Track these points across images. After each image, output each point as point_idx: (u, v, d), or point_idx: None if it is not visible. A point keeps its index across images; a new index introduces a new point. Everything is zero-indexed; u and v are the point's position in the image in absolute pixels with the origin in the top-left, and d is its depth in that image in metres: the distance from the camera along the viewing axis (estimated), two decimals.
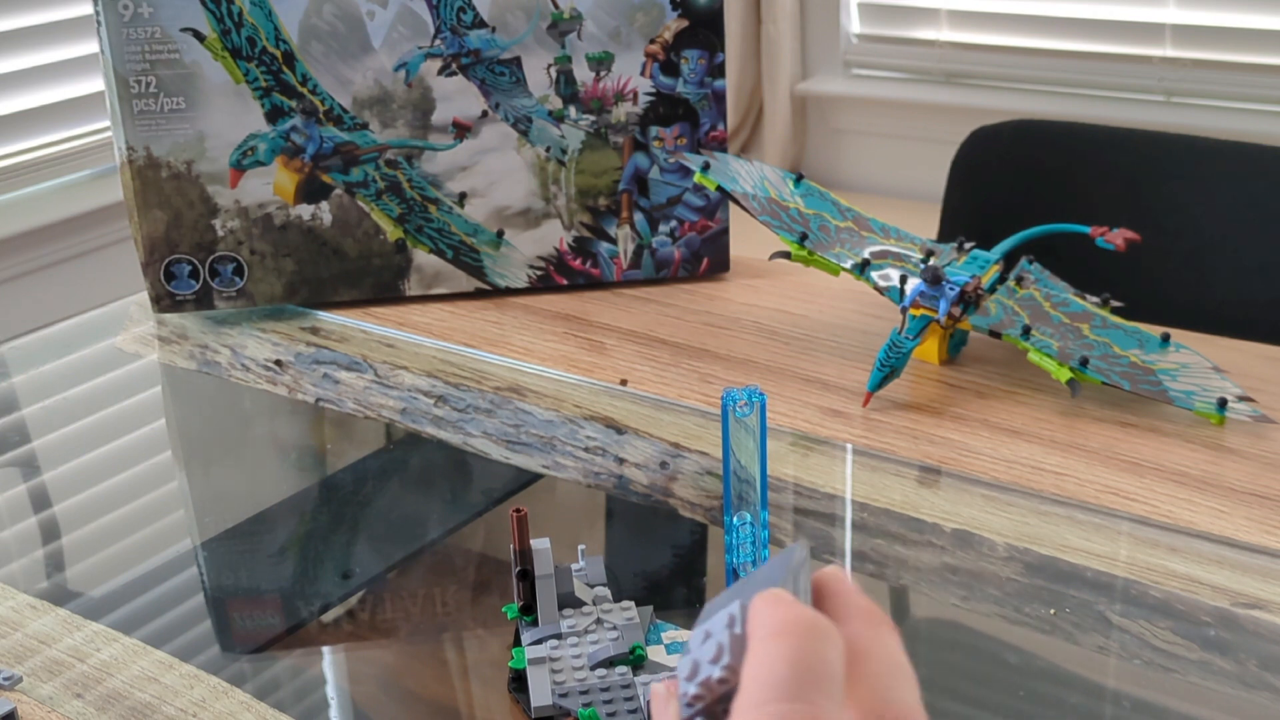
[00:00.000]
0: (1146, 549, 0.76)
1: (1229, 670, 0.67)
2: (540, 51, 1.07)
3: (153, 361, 1.09)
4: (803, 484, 0.85)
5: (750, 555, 0.64)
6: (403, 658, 0.73)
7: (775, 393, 0.94)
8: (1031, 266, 0.99)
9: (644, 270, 1.13)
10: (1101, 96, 2.67)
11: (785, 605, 0.36)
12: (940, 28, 2.84)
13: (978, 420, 0.89)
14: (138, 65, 1.03)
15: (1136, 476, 0.82)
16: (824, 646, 0.36)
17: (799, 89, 3.00)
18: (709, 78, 1.09)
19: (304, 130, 1.07)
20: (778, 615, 0.36)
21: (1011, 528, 0.78)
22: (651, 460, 0.88)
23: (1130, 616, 0.71)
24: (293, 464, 0.97)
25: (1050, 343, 0.90)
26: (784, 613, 0.36)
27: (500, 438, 0.92)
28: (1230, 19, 2.51)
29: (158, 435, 1.02)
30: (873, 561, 0.77)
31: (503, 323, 1.08)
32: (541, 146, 1.09)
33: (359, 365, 1.03)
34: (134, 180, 1.06)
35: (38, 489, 0.94)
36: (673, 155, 1.10)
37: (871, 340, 1.00)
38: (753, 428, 0.62)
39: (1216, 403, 0.86)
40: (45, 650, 0.72)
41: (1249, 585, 0.72)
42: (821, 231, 0.99)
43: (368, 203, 1.09)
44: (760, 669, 0.35)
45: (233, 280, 1.09)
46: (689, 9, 1.08)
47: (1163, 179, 1.29)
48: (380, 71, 1.06)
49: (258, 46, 1.04)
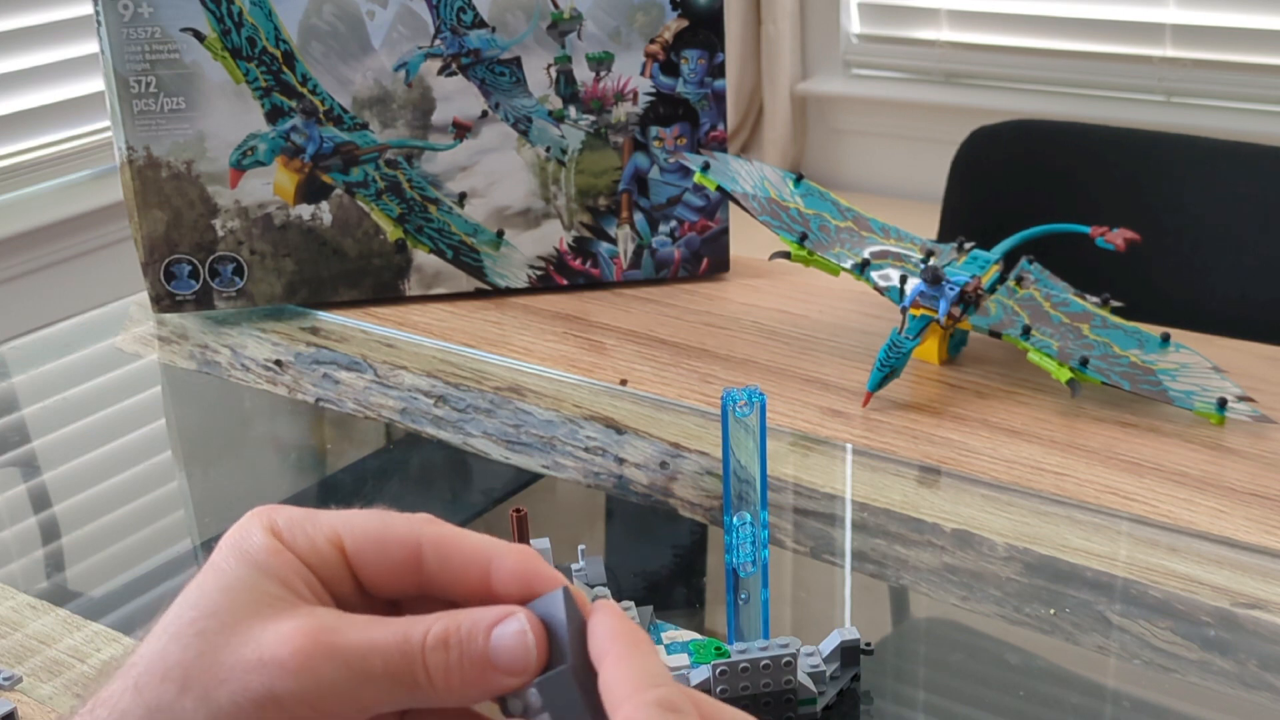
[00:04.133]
0: (1146, 549, 0.76)
1: (1229, 670, 0.67)
2: (540, 51, 1.07)
3: (153, 361, 1.09)
4: (803, 484, 0.85)
5: (750, 555, 0.64)
6: None
7: (775, 393, 0.94)
8: (1031, 266, 0.99)
9: (644, 270, 1.13)
10: (1101, 96, 2.67)
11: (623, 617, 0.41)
12: (940, 28, 2.84)
13: (978, 420, 0.89)
14: (138, 65, 1.03)
15: (1136, 476, 0.82)
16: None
17: (799, 89, 3.00)
18: (709, 78, 1.09)
19: (304, 130, 1.07)
20: (626, 625, 0.40)
21: (1011, 528, 0.78)
22: (651, 460, 0.88)
23: (1130, 616, 0.71)
24: (293, 464, 0.97)
25: (1050, 343, 0.90)
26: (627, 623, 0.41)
27: (500, 438, 0.92)
28: (1230, 19, 2.51)
29: (158, 435, 1.02)
30: (873, 561, 0.77)
31: (503, 323, 1.08)
32: (541, 146, 1.09)
33: (359, 365, 1.03)
34: (134, 180, 1.06)
35: (38, 489, 0.94)
36: (673, 155, 1.10)
37: (871, 340, 1.00)
38: (753, 428, 0.62)
39: (1216, 403, 0.86)
40: (45, 650, 0.72)
41: (1249, 585, 0.72)
42: (821, 231, 0.99)
43: (368, 203, 1.09)
44: (630, 666, 0.39)
45: (233, 280, 1.09)
46: (689, 9, 1.08)
47: (1163, 179, 1.29)
48: (380, 71, 1.06)
49: (258, 46, 1.04)
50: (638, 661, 0.39)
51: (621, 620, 0.41)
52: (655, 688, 0.38)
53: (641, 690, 0.38)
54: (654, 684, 0.38)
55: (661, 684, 0.39)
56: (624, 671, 0.39)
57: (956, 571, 0.75)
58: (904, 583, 0.76)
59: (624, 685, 0.38)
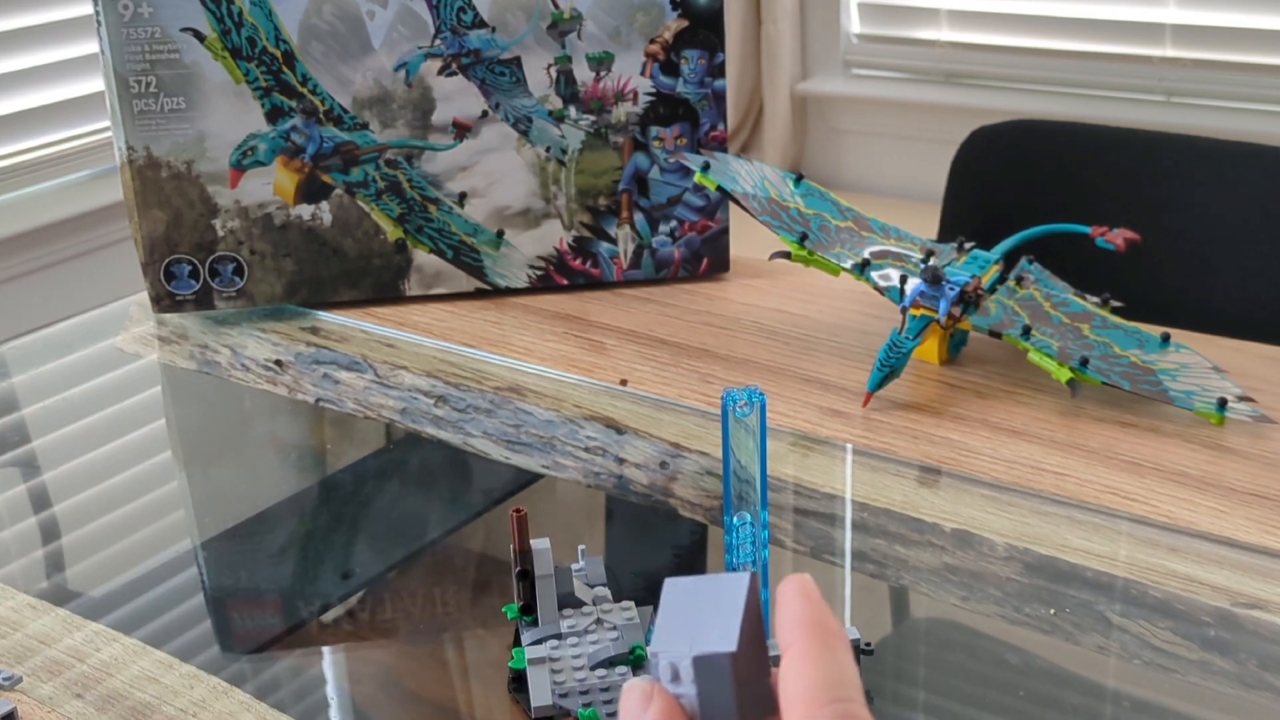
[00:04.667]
0: (1146, 549, 0.76)
1: (1229, 670, 0.67)
2: (540, 51, 1.07)
3: (153, 361, 1.09)
4: (803, 484, 0.85)
5: (750, 555, 0.64)
6: (403, 658, 0.73)
7: (775, 393, 0.94)
8: (1031, 266, 0.99)
9: (644, 270, 1.13)
10: (1101, 96, 2.67)
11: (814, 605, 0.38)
12: (940, 28, 2.84)
13: (978, 420, 0.89)
14: (138, 65, 1.03)
15: (1136, 476, 0.82)
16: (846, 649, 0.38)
17: (799, 89, 3.00)
18: (709, 78, 1.09)
19: (304, 130, 1.07)
20: (818, 613, 0.38)
21: (1011, 528, 0.78)
22: (651, 460, 0.88)
23: (1130, 616, 0.71)
24: (293, 464, 0.97)
25: (1050, 343, 0.90)
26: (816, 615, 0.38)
27: (500, 438, 0.92)
28: (1230, 19, 2.51)
29: (158, 435, 1.02)
30: (873, 561, 0.77)
31: (503, 323, 1.08)
32: (541, 146, 1.09)
33: (359, 365, 1.03)
34: (134, 180, 1.06)
35: (38, 489, 0.94)
36: (673, 155, 1.10)
37: (871, 340, 1.00)
38: (753, 428, 0.62)
39: (1216, 403, 0.86)
40: (45, 650, 0.72)
41: (1249, 585, 0.72)
42: (821, 231, 0.99)
43: (368, 203, 1.09)
44: (815, 666, 0.37)
45: (233, 280, 1.09)
46: (689, 9, 1.08)
47: (1163, 179, 1.29)
48: (380, 71, 1.06)
49: (258, 46, 1.04)
50: (824, 663, 0.37)
51: (815, 608, 0.38)
52: (835, 701, 0.36)
53: (820, 700, 0.36)
54: (835, 696, 0.36)
55: (843, 696, 0.36)
56: (807, 671, 0.36)
57: (956, 571, 0.75)
58: (904, 583, 0.76)
59: (802, 687, 0.36)
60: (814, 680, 0.36)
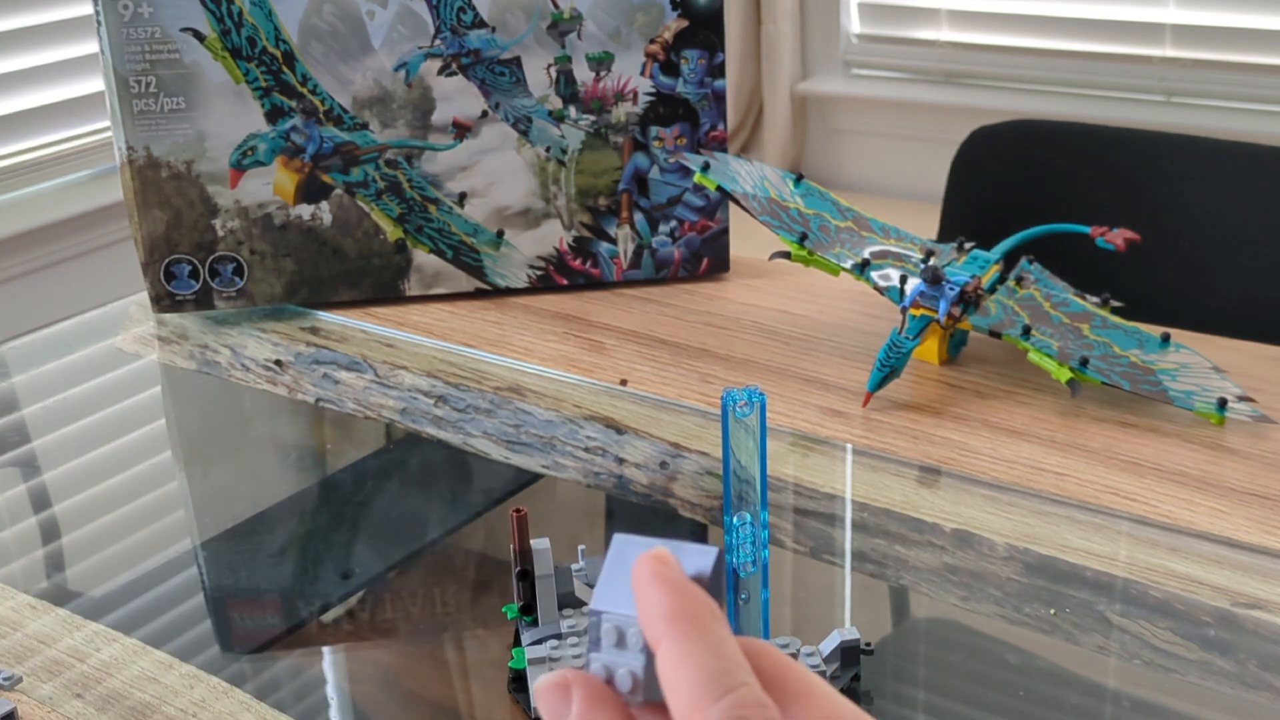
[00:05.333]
0: (1146, 549, 0.76)
1: (1229, 670, 0.67)
2: (540, 51, 1.07)
3: (153, 361, 1.09)
4: (803, 484, 0.85)
5: (750, 555, 0.64)
6: (403, 658, 0.73)
7: (775, 393, 0.94)
8: (1031, 266, 0.99)
9: (644, 270, 1.13)
10: (1101, 96, 2.67)
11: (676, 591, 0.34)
12: (940, 28, 2.84)
13: (978, 420, 0.89)
14: (138, 65, 1.03)
15: (1136, 476, 0.82)
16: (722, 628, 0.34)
17: (799, 89, 3.00)
18: (709, 78, 1.09)
19: (304, 130, 1.07)
20: (682, 597, 0.34)
21: (1011, 528, 0.78)
22: (651, 460, 0.88)
23: (1130, 616, 0.71)
24: (293, 464, 0.97)
25: (1050, 343, 0.90)
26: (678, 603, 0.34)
27: (500, 438, 0.92)
28: (1230, 19, 2.51)
29: (158, 435, 1.02)
30: (873, 561, 0.77)
31: (503, 323, 1.08)
32: (541, 146, 1.09)
33: (359, 365, 1.03)
34: (134, 180, 1.06)
35: (38, 489, 0.94)
36: (673, 155, 1.10)
37: (871, 340, 1.00)
38: (753, 428, 0.62)
39: (1216, 403, 0.86)
40: (45, 650, 0.72)
41: (1249, 585, 0.72)
42: (821, 231, 0.99)
43: (368, 203, 1.09)
44: (690, 663, 0.33)
45: (233, 280, 1.09)
46: (689, 9, 1.08)
47: (1163, 179, 1.29)
48: (380, 71, 1.06)
49: (258, 46, 1.04)
50: (699, 657, 0.33)
51: (675, 594, 0.34)
52: (725, 694, 0.32)
53: (706, 700, 0.32)
54: (722, 688, 0.32)
55: (730, 685, 0.32)
56: (686, 674, 0.33)
57: (956, 571, 0.75)
58: (904, 583, 0.76)
59: (684, 692, 0.32)
60: (694, 681, 0.32)
